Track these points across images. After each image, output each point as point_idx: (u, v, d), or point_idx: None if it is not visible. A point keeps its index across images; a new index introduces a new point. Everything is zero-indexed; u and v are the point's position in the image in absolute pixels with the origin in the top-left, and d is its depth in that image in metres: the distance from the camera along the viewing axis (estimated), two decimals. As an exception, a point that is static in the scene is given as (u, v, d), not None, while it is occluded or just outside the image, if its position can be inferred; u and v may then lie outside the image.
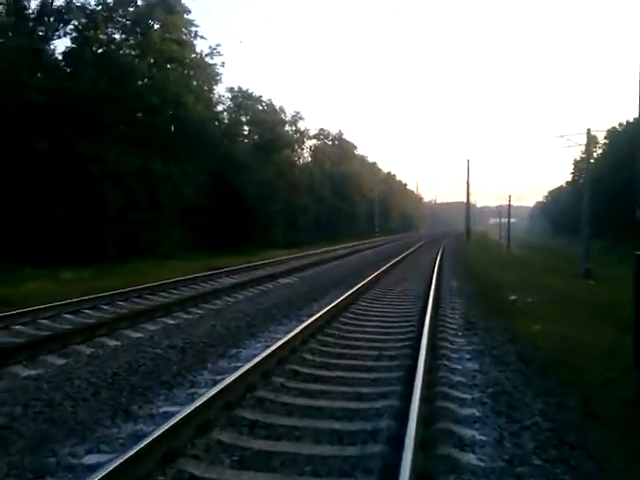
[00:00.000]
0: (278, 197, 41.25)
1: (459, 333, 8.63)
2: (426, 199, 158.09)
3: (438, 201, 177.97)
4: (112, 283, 14.96)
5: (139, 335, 8.28)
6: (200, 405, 4.74)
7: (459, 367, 6.59)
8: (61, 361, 6.81)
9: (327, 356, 7.05)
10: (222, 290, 13.12)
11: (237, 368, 5.99)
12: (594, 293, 18.33)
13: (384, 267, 19.09)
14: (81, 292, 12.42)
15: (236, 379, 5.46)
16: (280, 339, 7.22)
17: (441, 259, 24.06)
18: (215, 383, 5.53)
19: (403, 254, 27.52)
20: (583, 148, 31.37)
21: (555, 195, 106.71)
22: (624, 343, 7.69)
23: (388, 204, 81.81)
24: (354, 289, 12.43)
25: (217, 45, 36.25)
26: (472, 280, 17.21)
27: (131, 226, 26.72)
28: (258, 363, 6.05)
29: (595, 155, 58.11)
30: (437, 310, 10.37)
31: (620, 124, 62.84)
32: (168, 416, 4.62)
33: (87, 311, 10.16)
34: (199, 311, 10.59)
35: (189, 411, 4.59)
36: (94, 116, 25.67)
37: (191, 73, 35.18)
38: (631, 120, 55.57)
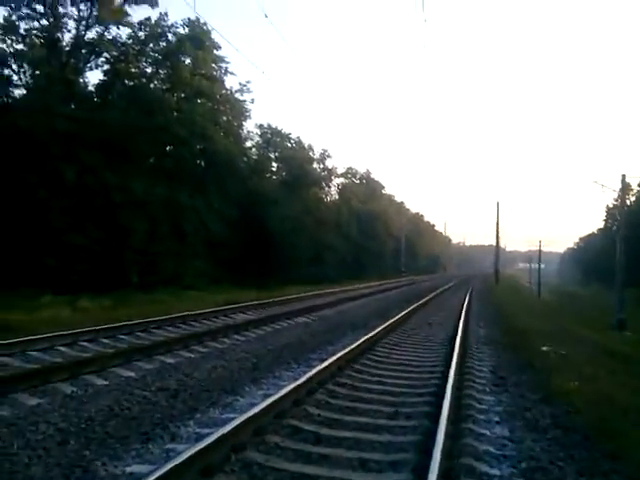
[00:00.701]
0: (304, 233, 40.75)
1: (487, 389, 7.67)
2: (455, 241, 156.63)
3: (467, 243, 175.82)
4: (125, 314, 14.64)
5: (130, 374, 7.54)
6: (172, 468, 3.96)
7: (487, 432, 5.65)
8: (33, 401, 6.09)
9: (334, 411, 6.20)
10: (233, 327, 12.38)
11: (228, 421, 5.21)
12: (632, 346, 17.19)
13: (408, 309, 18.18)
14: (92, 322, 12.07)
15: (226, 433, 4.69)
16: (284, 387, 6.45)
17: (468, 304, 22.96)
18: (199, 438, 4.76)
19: (429, 296, 26.49)
20: (616, 195, 30.28)
21: (587, 241, 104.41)
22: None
23: (415, 244, 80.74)
24: (373, 332, 11.56)
25: (247, 82, 36.46)
26: (501, 328, 16.14)
27: (154, 256, 26.54)
28: (253, 416, 5.25)
29: (628, 202, 56.90)
30: (463, 361, 9.42)
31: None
32: (133, 481, 3.86)
33: (84, 344, 9.50)
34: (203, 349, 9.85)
35: (157, 475, 3.82)
36: (122, 147, 25.78)
37: (220, 108, 35.45)
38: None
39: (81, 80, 28.12)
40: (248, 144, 41.84)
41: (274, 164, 45.25)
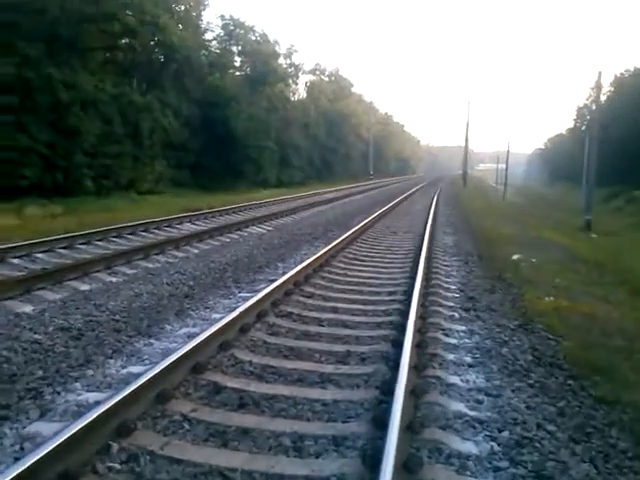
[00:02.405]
0: (269, 133, 38.87)
1: (456, 315, 6.60)
2: (423, 142, 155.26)
3: (436, 145, 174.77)
4: (64, 224, 13.40)
5: (25, 310, 6.19)
6: (25, 470, 2.75)
7: (457, 382, 4.56)
8: None
9: (271, 355, 5.03)
10: (174, 241, 11.00)
11: (126, 380, 4.00)
12: (599, 250, 16.64)
13: (373, 215, 17.10)
14: (21, 235, 10.75)
15: (116, 404, 3.48)
16: (216, 322, 5.24)
17: (436, 208, 21.97)
18: (79, 413, 3.54)
19: (396, 200, 25.41)
20: (588, 94, 29.13)
21: (555, 142, 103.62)
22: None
23: (384, 146, 78.92)
24: (332, 245, 10.38)
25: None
26: (469, 234, 15.20)
27: (109, 159, 24.93)
28: (161, 372, 4.04)
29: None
30: (429, 278, 8.33)
31: (627, 70, 61.61)
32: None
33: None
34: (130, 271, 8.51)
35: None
36: (66, 38, 23.27)
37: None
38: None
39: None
40: (208, 36, 38.93)
41: (237, 59, 42.40)
